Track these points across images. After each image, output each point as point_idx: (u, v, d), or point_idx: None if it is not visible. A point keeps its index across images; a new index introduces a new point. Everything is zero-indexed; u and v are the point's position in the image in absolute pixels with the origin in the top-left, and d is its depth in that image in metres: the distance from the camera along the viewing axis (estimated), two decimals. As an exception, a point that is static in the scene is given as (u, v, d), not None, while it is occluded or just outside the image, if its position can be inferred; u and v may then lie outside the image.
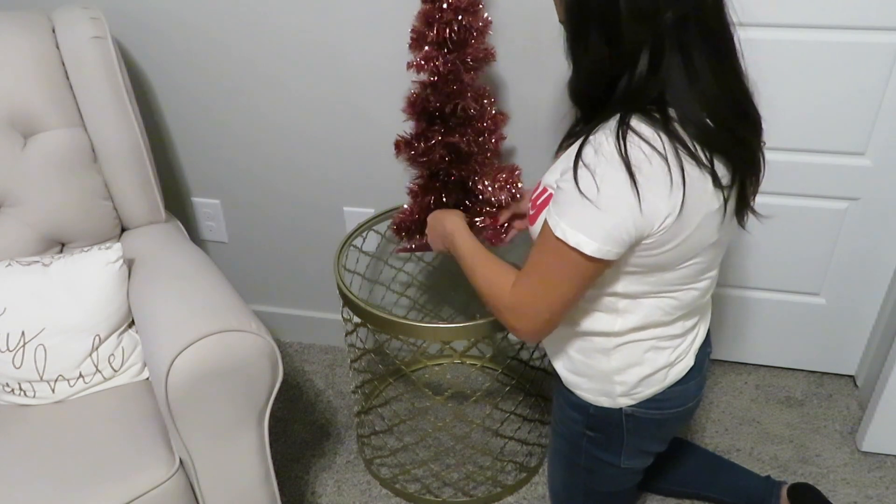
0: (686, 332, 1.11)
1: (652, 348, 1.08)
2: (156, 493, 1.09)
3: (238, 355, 1.08)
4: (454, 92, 1.24)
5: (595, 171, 0.88)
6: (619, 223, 0.90)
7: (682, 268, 1.00)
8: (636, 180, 0.87)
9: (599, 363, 1.10)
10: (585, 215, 0.90)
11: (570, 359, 1.14)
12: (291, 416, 1.77)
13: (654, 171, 0.87)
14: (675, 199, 0.89)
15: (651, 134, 0.88)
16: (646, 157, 0.87)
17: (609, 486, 1.27)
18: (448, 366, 1.91)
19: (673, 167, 0.87)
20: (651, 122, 0.89)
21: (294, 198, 1.78)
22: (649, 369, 1.09)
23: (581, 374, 1.13)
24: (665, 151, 0.87)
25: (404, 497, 1.55)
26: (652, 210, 0.89)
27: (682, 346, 1.11)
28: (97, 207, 1.43)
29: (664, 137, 0.88)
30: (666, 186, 0.88)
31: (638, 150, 0.87)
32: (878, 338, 1.68)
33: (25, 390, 1.23)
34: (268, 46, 1.57)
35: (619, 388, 1.11)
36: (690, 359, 1.13)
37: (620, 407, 1.12)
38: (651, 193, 0.88)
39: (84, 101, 1.38)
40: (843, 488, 1.53)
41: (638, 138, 0.88)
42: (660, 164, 0.87)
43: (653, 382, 1.10)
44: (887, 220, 1.57)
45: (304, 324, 1.99)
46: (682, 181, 0.88)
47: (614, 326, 1.06)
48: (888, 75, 1.40)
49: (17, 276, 1.22)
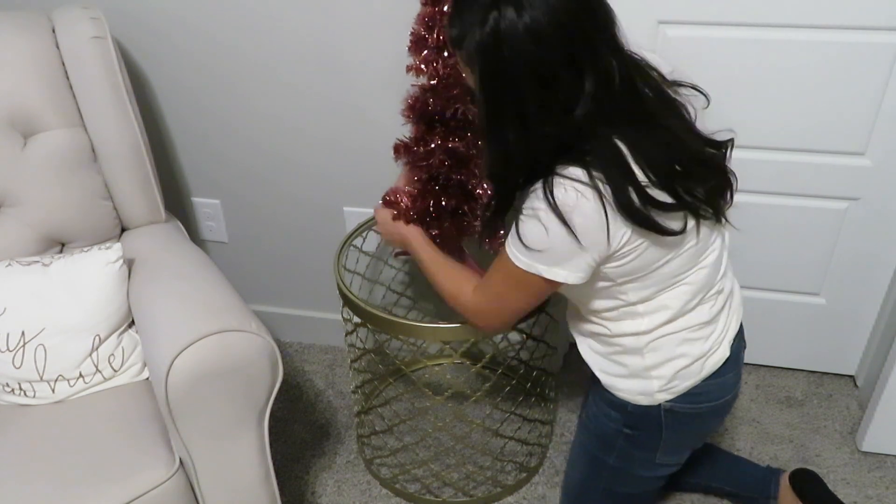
0: (714, 316, 1.12)
1: (685, 340, 1.09)
2: (156, 493, 1.09)
3: (238, 355, 1.08)
4: (454, 96, 1.23)
5: (538, 221, 0.94)
6: (573, 261, 0.97)
7: (677, 256, 1.02)
8: (573, 225, 0.92)
9: (634, 362, 1.12)
10: (546, 253, 0.97)
11: (608, 360, 1.16)
12: (291, 416, 1.77)
13: (592, 206, 0.92)
14: (618, 224, 0.94)
15: (580, 172, 0.92)
16: (578, 194, 0.92)
17: (632, 487, 1.27)
18: (448, 366, 1.91)
19: (604, 192, 0.92)
20: (571, 160, 0.93)
21: (294, 198, 1.78)
22: (685, 361, 1.10)
23: (618, 374, 1.15)
24: (596, 184, 0.91)
25: (404, 497, 1.55)
26: (601, 234, 0.94)
27: (714, 334, 1.12)
28: (97, 207, 1.43)
29: (591, 172, 0.92)
30: (604, 214, 0.92)
31: (569, 190, 0.92)
32: (878, 338, 1.68)
33: (25, 390, 1.23)
34: (268, 46, 1.57)
35: (656, 382, 1.12)
36: (726, 349, 1.14)
37: (659, 403, 1.13)
38: (598, 222, 0.93)
39: (84, 101, 1.38)
40: (843, 488, 1.53)
41: (565, 179, 0.92)
42: (594, 197, 0.91)
43: (689, 374, 1.11)
44: (887, 220, 1.57)
45: (304, 324, 1.99)
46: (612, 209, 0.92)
47: (641, 326, 1.09)
48: (888, 75, 1.40)
49: (17, 276, 1.22)
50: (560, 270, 0.98)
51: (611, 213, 0.92)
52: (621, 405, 1.16)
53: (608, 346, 1.14)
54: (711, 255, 1.09)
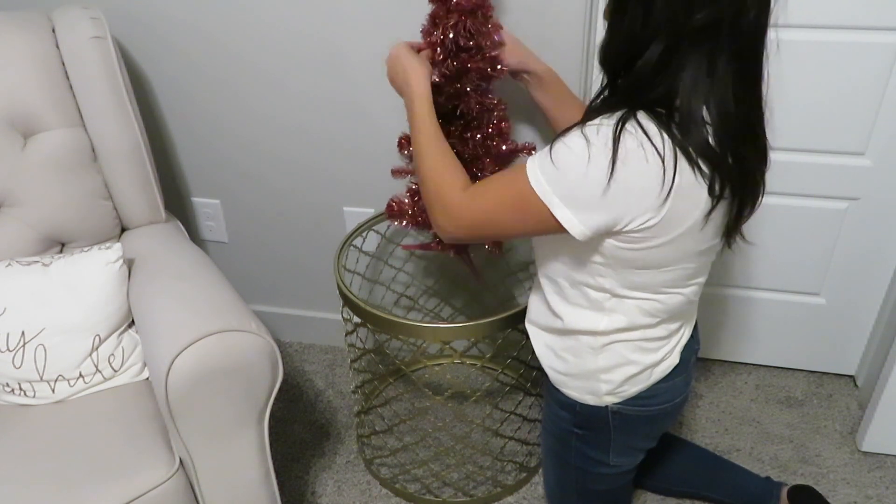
0: (671, 334, 1.11)
1: (638, 349, 1.09)
2: (156, 493, 1.09)
3: (238, 355, 1.08)
4: (456, 94, 1.23)
5: (588, 152, 0.87)
6: (597, 206, 0.90)
7: (670, 270, 1.00)
8: (615, 168, 0.86)
9: (587, 362, 1.11)
10: (569, 185, 0.90)
11: (558, 357, 1.15)
12: (291, 416, 1.77)
13: (649, 168, 0.86)
14: (663, 202, 0.88)
15: (655, 131, 0.87)
16: (643, 152, 0.86)
17: (600, 483, 1.27)
18: (448, 366, 1.91)
19: (668, 168, 0.86)
20: (657, 121, 0.88)
21: (294, 198, 1.78)
22: (635, 369, 1.10)
23: (567, 373, 1.14)
24: (664, 152, 0.86)
25: (404, 497, 1.55)
26: (630, 204, 0.89)
27: (666, 347, 1.11)
28: (97, 207, 1.43)
29: (666, 137, 0.87)
30: (657, 184, 0.87)
31: (635, 144, 0.86)
32: (878, 338, 1.68)
33: (25, 390, 1.23)
34: (268, 46, 1.57)
35: (604, 386, 1.11)
36: (675, 357, 1.13)
37: (606, 405, 1.13)
38: (635, 189, 0.88)
39: (84, 101, 1.38)
40: (843, 488, 1.53)
41: (641, 132, 0.87)
42: (656, 162, 0.86)
43: (638, 381, 1.11)
44: (887, 220, 1.57)
45: (304, 324, 1.99)
46: (672, 183, 0.87)
47: (599, 325, 1.07)
48: (888, 75, 1.40)
49: (17, 276, 1.22)
50: (570, 213, 0.91)
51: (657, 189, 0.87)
52: (570, 405, 1.16)
53: (563, 339, 1.12)
54: (692, 287, 1.06)
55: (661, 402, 1.15)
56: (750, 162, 0.94)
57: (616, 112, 0.90)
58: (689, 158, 0.87)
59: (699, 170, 0.88)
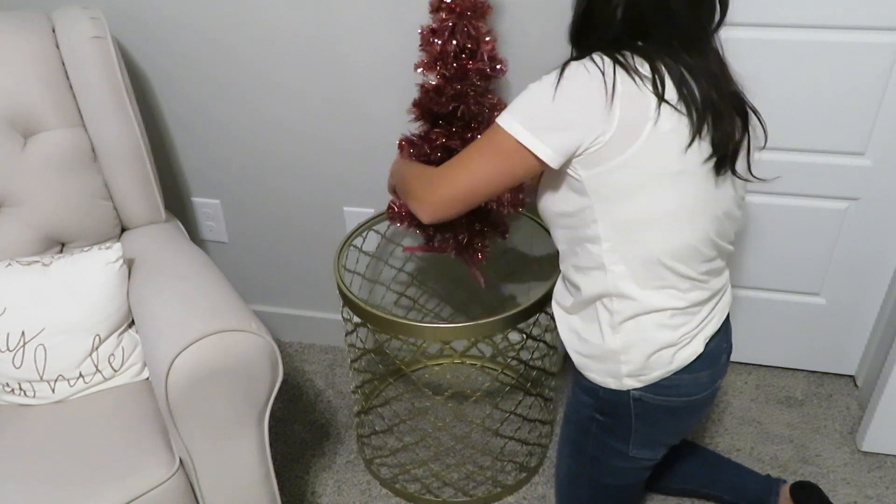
0: (689, 307, 1.10)
1: (654, 325, 1.09)
2: (156, 493, 1.09)
3: (238, 355, 1.09)
4: (456, 95, 1.23)
5: (542, 80, 0.99)
6: (552, 122, 0.98)
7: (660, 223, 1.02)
8: (559, 85, 0.96)
9: (607, 341, 1.11)
10: (528, 111, 1.00)
11: (581, 340, 1.16)
12: (291, 416, 1.77)
13: (590, 78, 0.95)
14: (608, 106, 0.95)
15: (599, 58, 0.97)
16: (584, 69, 0.96)
17: (614, 478, 1.27)
18: (448, 366, 1.91)
19: (607, 76, 0.95)
20: (608, 53, 0.98)
21: (294, 198, 1.78)
22: (654, 346, 1.09)
23: (590, 354, 1.15)
24: (603, 65, 0.96)
25: (404, 497, 1.55)
26: (579, 114, 0.96)
27: (685, 328, 1.10)
28: (97, 207, 1.43)
29: (606, 58, 0.97)
30: (600, 92, 0.95)
31: (577, 64, 0.97)
32: (878, 338, 1.68)
33: (25, 390, 1.23)
34: (268, 46, 1.57)
35: (624, 367, 1.11)
36: (698, 344, 1.12)
37: (628, 389, 1.13)
38: (581, 98, 0.96)
39: (84, 101, 1.38)
40: (843, 488, 1.53)
41: (588, 58, 0.98)
42: (596, 73, 0.95)
43: (658, 363, 1.10)
44: (887, 220, 1.57)
45: (304, 324, 1.99)
46: (614, 89, 0.94)
47: (607, 284, 1.08)
48: (888, 75, 1.40)
49: (17, 276, 1.22)
50: (534, 138, 0.99)
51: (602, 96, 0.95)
52: (593, 390, 1.17)
53: (584, 316, 1.15)
54: (703, 274, 1.09)
55: (684, 395, 1.15)
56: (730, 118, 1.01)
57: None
58: (626, 68, 0.96)
59: (639, 76, 0.96)
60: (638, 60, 0.97)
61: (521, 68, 1.43)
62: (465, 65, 1.21)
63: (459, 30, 1.20)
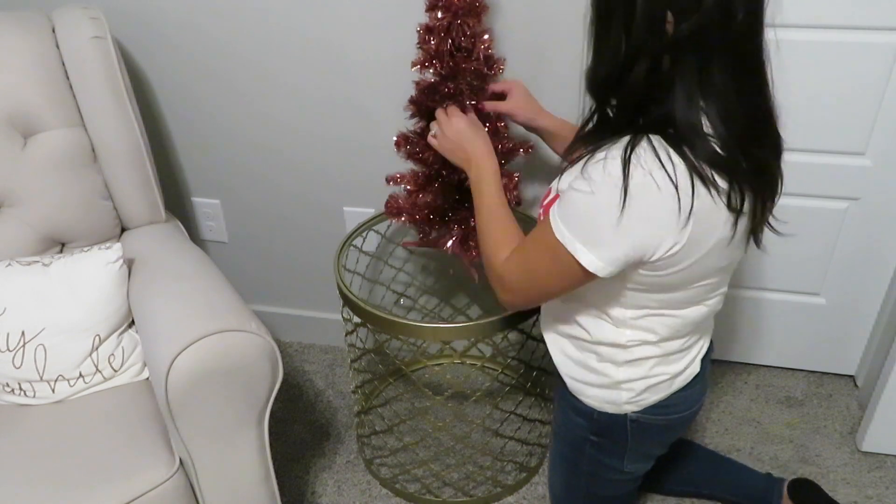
0: (692, 345, 1.11)
1: (662, 362, 1.09)
2: (156, 493, 1.09)
3: (238, 355, 1.08)
4: (451, 94, 1.23)
5: (598, 191, 0.87)
6: (617, 243, 0.89)
7: (692, 288, 1.00)
8: (626, 203, 0.85)
9: (609, 373, 1.10)
10: (586, 227, 0.90)
11: (578, 367, 1.13)
12: (291, 416, 1.77)
13: (662, 197, 0.85)
14: (683, 227, 0.87)
15: (665, 156, 0.85)
16: (653, 182, 0.84)
17: (610, 490, 1.27)
18: (448, 366, 1.91)
19: (683, 196, 0.85)
20: (665, 141, 0.86)
21: (294, 198, 1.78)
22: (659, 379, 1.09)
23: (588, 382, 1.13)
24: (675, 177, 0.84)
25: (404, 497, 1.55)
26: (649, 235, 0.88)
27: (688, 357, 1.11)
28: (97, 207, 1.43)
29: (677, 160, 0.85)
30: (673, 212, 0.86)
31: (644, 174, 0.84)
32: (878, 338, 1.68)
33: (25, 390, 1.23)
34: (268, 46, 1.57)
35: (625, 395, 1.10)
36: (697, 366, 1.13)
37: (625, 413, 1.12)
38: (653, 219, 0.86)
39: (84, 101, 1.38)
40: (843, 488, 1.53)
41: (650, 160, 0.85)
42: (669, 190, 0.84)
43: (659, 390, 1.11)
44: (887, 220, 1.57)
45: (304, 324, 1.99)
46: (690, 208, 0.85)
47: (621, 339, 1.06)
48: (888, 75, 1.40)
49: (17, 276, 1.22)
50: (593, 256, 0.91)
51: (675, 217, 0.86)
52: (587, 413, 1.15)
53: (585, 352, 1.11)
54: (715, 299, 1.07)
55: (680, 411, 1.14)
56: (764, 160, 0.94)
57: (620, 140, 0.88)
58: (703, 179, 0.85)
59: (715, 188, 0.86)
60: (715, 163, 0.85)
61: (518, 68, 1.43)
62: (459, 63, 1.22)
63: (455, 28, 1.20)
